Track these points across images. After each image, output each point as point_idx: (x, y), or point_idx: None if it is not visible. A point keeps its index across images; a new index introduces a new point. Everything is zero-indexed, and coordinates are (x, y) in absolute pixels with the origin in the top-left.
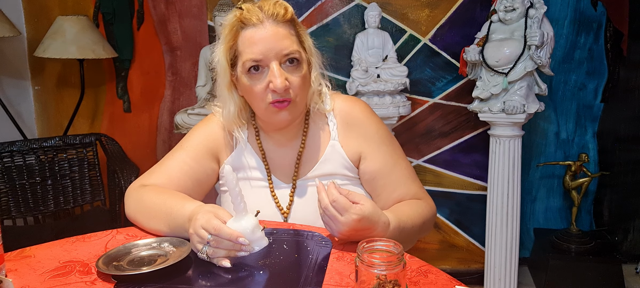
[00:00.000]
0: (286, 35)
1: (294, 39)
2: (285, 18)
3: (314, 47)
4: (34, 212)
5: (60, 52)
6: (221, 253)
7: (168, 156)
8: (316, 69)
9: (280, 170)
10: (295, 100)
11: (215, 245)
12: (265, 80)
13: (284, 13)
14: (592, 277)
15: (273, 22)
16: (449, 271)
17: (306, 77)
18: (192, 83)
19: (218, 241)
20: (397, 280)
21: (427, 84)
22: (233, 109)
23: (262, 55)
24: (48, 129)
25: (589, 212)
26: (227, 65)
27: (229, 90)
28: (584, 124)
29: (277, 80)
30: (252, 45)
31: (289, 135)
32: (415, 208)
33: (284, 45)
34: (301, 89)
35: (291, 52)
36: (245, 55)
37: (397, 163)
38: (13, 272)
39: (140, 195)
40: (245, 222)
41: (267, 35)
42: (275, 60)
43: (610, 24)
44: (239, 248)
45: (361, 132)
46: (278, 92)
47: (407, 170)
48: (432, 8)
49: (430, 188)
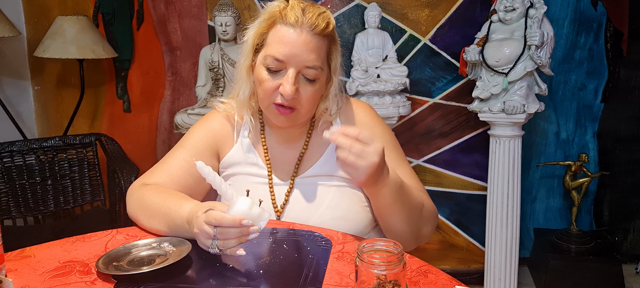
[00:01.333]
0: (315, 49)
1: (322, 55)
2: (323, 32)
3: (341, 66)
4: (34, 212)
5: (60, 52)
6: (232, 243)
7: (169, 155)
8: (335, 87)
9: (281, 167)
10: (299, 111)
11: (223, 237)
12: (278, 81)
13: (324, 27)
14: (592, 277)
15: (309, 31)
16: (449, 271)
17: (318, 93)
18: (192, 83)
19: (223, 232)
20: (397, 280)
21: (427, 84)
22: (247, 91)
23: (285, 57)
24: (48, 129)
25: (589, 212)
26: (252, 48)
27: (247, 73)
28: (584, 123)
29: (287, 87)
30: (280, 44)
31: (293, 133)
32: (416, 191)
33: (310, 58)
34: (309, 102)
35: (313, 66)
36: (270, 49)
37: (400, 167)
38: (13, 271)
39: (141, 194)
40: (240, 204)
41: (298, 42)
42: (294, 67)
43: (611, 24)
44: (246, 232)
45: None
46: (285, 97)
47: (410, 174)
48: (432, 8)
49: (430, 188)
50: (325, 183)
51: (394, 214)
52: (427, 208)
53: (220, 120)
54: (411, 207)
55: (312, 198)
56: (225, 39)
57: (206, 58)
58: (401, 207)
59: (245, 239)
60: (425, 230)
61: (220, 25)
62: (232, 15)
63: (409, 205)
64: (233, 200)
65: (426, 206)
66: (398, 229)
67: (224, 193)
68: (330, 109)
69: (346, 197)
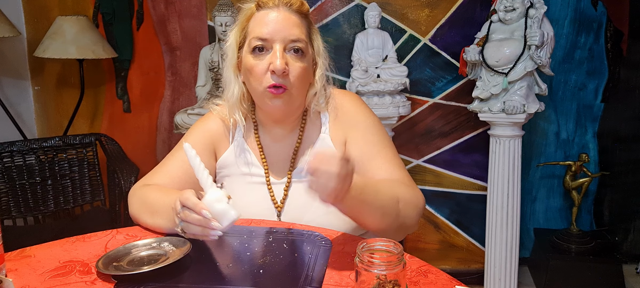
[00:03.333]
0: (297, 24)
1: (304, 31)
2: (299, 9)
3: (324, 50)
4: (34, 212)
5: (60, 52)
6: (194, 229)
7: (169, 156)
8: (321, 69)
9: (277, 165)
10: (291, 90)
11: (185, 220)
12: (267, 61)
13: (300, 5)
14: (592, 277)
15: (287, 8)
16: (449, 271)
17: (307, 70)
18: (191, 83)
19: (186, 216)
20: (397, 280)
21: (427, 84)
22: (237, 91)
23: (269, 35)
24: (48, 129)
25: (589, 212)
26: (236, 47)
27: (234, 73)
28: (584, 123)
29: (276, 61)
30: (262, 25)
31: (286, 129)
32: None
33: (292, 32)
34: (299, 79)
35: (298, 39)
36: (253, 33)
37: (381, 151)
38: (13, 271)
39: (143, 193)
40: (209, 195)
41: (279, 18)
42: (280, 43)
43: (611, 24)
44: (207, 224)
45: (348, 120)
46: (276, 73)
47: (392, 158)
48: (432, 8)
49: (430, 188)
50: None
51: (362, 217)
52: (405, 200)
53: (216, 121)
54: (380, 205)
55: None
56: (225, 39)
57: (206, 58)
58: (368, 210)
59: (208, 233)
60: (408, 221)
61: (220, 25)
62: (232, 15)
63: (376, 205)
64: (206, 188)
65: (404, 198)
66: (373, 228)
67: (200, 178)
68: (318, 94)
69: None
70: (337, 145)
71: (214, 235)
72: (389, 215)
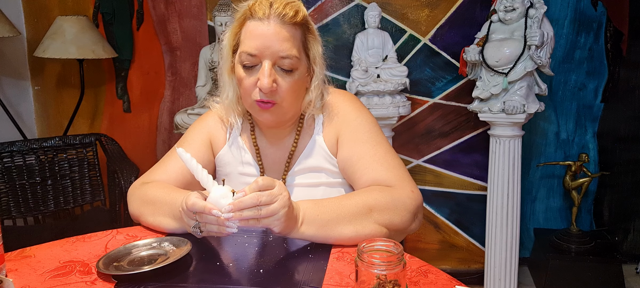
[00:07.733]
0: (288, 38)
1: (297, 44)
2: (293, 20)
3: (321, 56)
4: (34, 212)
5: (60, 52)
6: (213, 229)
7: (168, 154)
8: (318, 77)
9: (272, 167)
10: (281, 104)
11: (204, 222)
12: (256, 76)
13: (293, 15)
14: (592, 277)
15: (279, 21)
16: (449, 271)
17: (298, 83)
18: (191, 83)
19: (203, 218)
20: (397, 280)
21: (427, 84)
22: (232, 94)
23: (258, 51)
24: (48, 129)
25: (589, 212)
26: (230, 50)
27: (229, 76)
28: (584, 123)
29: (264, 79)
30: (251, 39)
31: (282, 133)
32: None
33: (282, 47)
34: (289, 94)
35: (287, 56)
36: (243, 46)
37: (370, 150)
38: (13, 272)
39: (143, 191)
40: (213, 193)
41: (268, 33)
42: (268, 60)
43: (611, 24)
44: (222, 221)
45: (340, 120)
46: (263, 91)
47: (383, 157)
48: (432, 8)
49: (430, 188)
50: (315, 179)
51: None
52: (380, 208)
53: (214, 119)
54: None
55: (303, 195)
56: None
57: (206, 58)
58: (333, 229)
59: (225, 228)
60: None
61: (220, 25)
62: (232, 15)
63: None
64: (208, 187)
65: (377, 206)
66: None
67: (201, 179)
68: (313, 101)
69: (336, 192)
70: (329, 145)
71: (231, 230)
72: (365, 227)
